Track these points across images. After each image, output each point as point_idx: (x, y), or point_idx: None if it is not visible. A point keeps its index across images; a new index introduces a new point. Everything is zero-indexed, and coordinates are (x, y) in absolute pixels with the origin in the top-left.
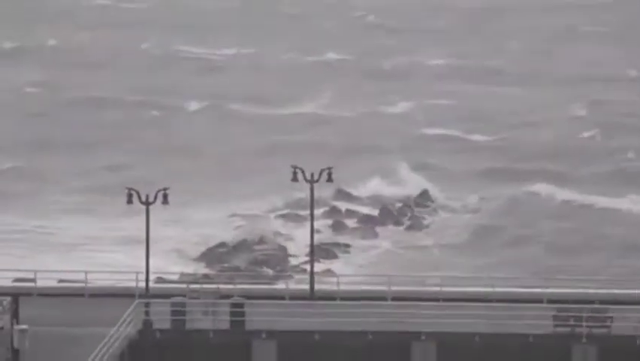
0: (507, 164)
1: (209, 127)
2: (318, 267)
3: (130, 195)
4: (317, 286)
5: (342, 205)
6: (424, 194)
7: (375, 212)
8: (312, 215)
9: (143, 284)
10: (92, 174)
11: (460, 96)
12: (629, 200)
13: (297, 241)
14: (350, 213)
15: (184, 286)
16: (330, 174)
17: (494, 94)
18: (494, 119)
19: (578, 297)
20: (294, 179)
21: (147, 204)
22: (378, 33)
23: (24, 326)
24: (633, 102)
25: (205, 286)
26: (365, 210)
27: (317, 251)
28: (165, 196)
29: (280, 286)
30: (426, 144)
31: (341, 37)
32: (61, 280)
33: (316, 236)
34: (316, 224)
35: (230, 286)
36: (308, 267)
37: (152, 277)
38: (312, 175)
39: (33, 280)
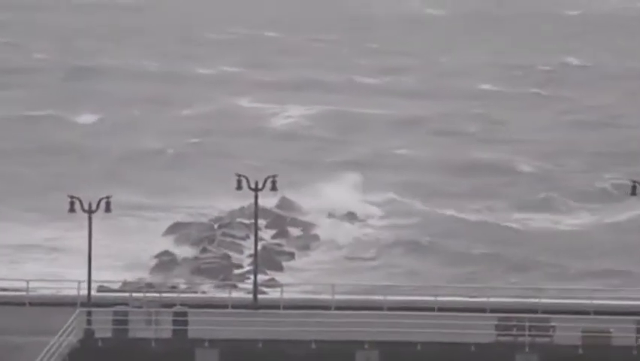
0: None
1: None
2: (262, 276)
3: (72, 203)
4: (260, 295)
5: (286, 214)
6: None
7: (319, 220)
8: (255, 223)
9: (85, 293)
10: None
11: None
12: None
13: (241, 250)
14: (294, 222)
15: (126, 294)
16: (274, 183)
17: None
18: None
19: (521, 306)
20: (239, 187)
21: (90, 212)
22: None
23: None
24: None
25: (147, 294)
26: (309, 218)
27: (261, 260)
28: (108, 204)
29: (223, 294)
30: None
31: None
32: (1, 289)
33: (260, 244)
34: (260, 233)
35: (173, 295)
36: (251, 276)
37: (94, 285)
38: (256, 183)
39: None
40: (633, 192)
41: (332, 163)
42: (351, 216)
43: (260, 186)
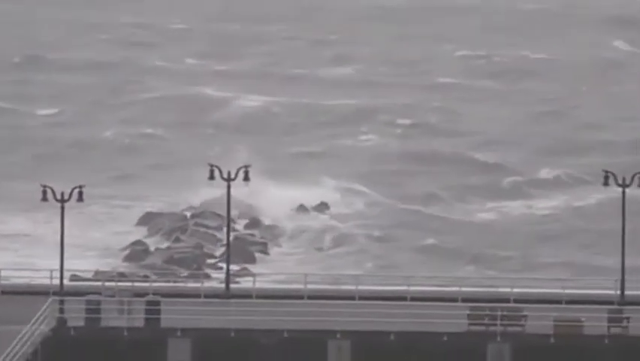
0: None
1: None
2: (235, 266)
3: (44, 192)
4: (233, 285)
5: (258, 204)
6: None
7: (289, 211)
8: (228, 214)
9: (57, 282)
10: None
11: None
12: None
13: (213, 240)
14: (266, 213)
15: (99, 284)
16: (246, 173)
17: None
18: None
19: (493, 296)
20: (211, 177)
21: (62, 201)
22: None
23: None
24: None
25: (120, 284)
26: (279, 209)
27: (233, 250)
28: (80, 194)
29: (196, 284)
30: None
31: None
32: None
33: (233, 235)
34: (233, 223)
35: (146, 284)
36: (224, 266)
37: (66, 274)
38: (228, 173)
39: None
40: (606, 182)
41: (297, 154)
42: (320, 207)
43: (232, 176)
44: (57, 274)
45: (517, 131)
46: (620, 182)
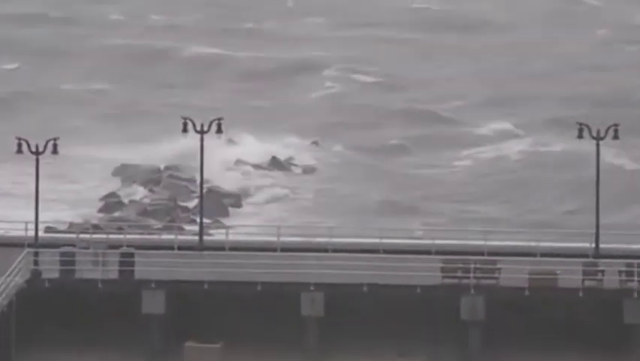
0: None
1: None
2: (208, 218)
3: (19, 145)
4: (206, 237)
5: (232, 156)
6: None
7: (262, 163)
8: (201, 165)
9: (32, 233)
10: None
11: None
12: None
13: (187, 193)
14: (240, 164)
15: (73, 236)
16: (219, 125)
17: None
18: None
19: (467, 249)
20: (184, 130)
21: (37, 153)
22: None
23: None
24: None
25: (94, 236)
26: (254, 160)
27: (207, 203)
28: (55, 146)
29: (170, 236)
30: None
31: None
32: None
33: (206, 187)
34: (206, 176)
35: (120, 236)
36: (197, 218)
37: (41, 226)
38: (202, 126)
39: None
40: (580, 135)
41: (257, 106)
42: (288, 160)
43: (205, 128)
44: (32, 226)
45: (475, 84)
46: (595, 134)
